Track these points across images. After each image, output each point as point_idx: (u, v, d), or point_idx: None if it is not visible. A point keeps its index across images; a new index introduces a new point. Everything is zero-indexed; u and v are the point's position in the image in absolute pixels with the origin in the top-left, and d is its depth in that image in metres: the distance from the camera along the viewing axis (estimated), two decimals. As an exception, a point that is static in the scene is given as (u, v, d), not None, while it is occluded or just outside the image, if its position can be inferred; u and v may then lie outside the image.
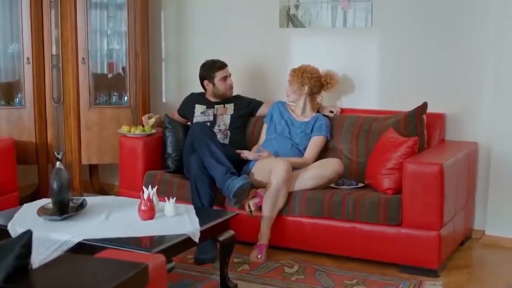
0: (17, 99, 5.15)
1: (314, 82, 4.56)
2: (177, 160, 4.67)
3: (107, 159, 5.24)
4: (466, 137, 4.51)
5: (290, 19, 4.99)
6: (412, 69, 4.67)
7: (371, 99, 4.79)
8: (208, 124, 4.70)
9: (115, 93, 5.27)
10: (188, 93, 5.01)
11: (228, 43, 5.17)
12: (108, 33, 5.39)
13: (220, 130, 4.71)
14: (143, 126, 4.79)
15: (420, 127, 4.27)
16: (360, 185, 4.29)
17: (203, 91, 4.89)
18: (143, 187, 3.60)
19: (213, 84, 4.76)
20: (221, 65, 4.77)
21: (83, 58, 5.09)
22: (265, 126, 4.73)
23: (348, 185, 4.28)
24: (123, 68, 5.35)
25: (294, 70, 4.59)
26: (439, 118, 4.46)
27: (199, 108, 4.81)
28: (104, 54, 5.39)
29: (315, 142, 4.53)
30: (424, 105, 4.30)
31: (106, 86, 5.35)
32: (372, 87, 4.81)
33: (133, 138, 4.70)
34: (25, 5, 5.01)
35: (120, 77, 5.39)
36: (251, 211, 4.17)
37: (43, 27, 5.07)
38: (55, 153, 3.45)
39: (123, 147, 4.76)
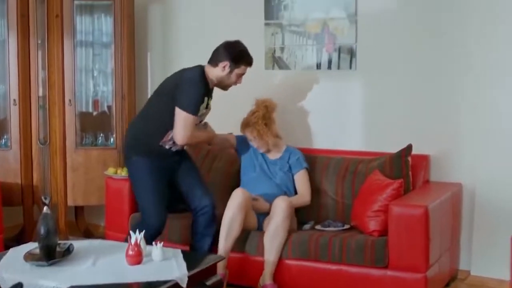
0: (3, 140, 5.15)
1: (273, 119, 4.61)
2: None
3: (93, 201, 5.23)
4: (450, 178, 4.55)
5: (276, 61, 5.05)
6: (396, 110, 4.72)
7: (356, 141, 4.83)
8: None
9: (101, 134, 5.28)
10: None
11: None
12: (95, 74, 5.42)
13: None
14: None
15: (405, 169, 4.31)
16: (346, 226, 4.31)
17: (202, 69, 4.19)
18: (130, 231, 3.59)
19: (230, 72, 4.16)
20: (251, 62, 4.26)
21: (69, 100, 5.12)
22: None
23: (334, 227, 4.30)
24: (109, 107, 5.37)
25: (256, 122, 4.48)
26: (424, 160, 4.50)
27: (204, 105, 4.15)
28: (90, 94, 5.41)
29: (304, 177, 4.53)
30: (409, 147, 4.36)
31: (92, 125, 5.35)
32: (357, 129, 4.86)
33: (120, 180, 4.70)
34: (12, 47, 5.05)
35: (106, 116, 5.40)
36: None
37: (30, 69, 5.10)
38: (42, 198, 3.45)
39: (109, 189, 4.75)
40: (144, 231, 3.54)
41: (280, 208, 4.15)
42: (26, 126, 5.11)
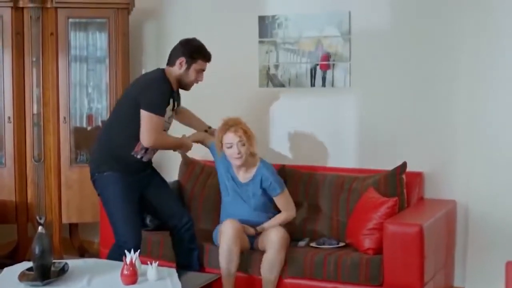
0: (-3, 158, 5.17)
1: None
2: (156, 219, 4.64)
3: (88, 218, 5.22)
4: (444, 195, 4.57)
5: (270, 79, 5.07)
6: (390, 128, 4.74)
7: (350, 158, 4.84)
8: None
9: (95, 151, 5.27)
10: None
11: (209, 103, 5.21)
12: (89, 91, 5.43)
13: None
14: None
15: (400, 187, 4.33)
16: (341, 244, 4.32)
17: (162, 70, 4.13)
18: (125, 250, 3.59)
19: (188, 68, 4.08)
20: (208, 57, 4.16)
21: (64, 117, 5.13)
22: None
23: (329, 245, 4.30)
24: (103, 122, 5.36)
25: (240, 122, 4.25)
26: (418, 177, 4.52)
27: (170, 107, 4.09)
28: (85, 110, 5.42)
29: (284, 198, 4.34)
30: (404, 165, 4.38)
31: (86, 141, 5.31)
32: (352, 146, 4.87)
33: (114, 197, 4.69)
34: (7, 65, 5.05)
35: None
36: None
37: (25, 86, 5.11)
38: (37, 217, 3.44)
39: (105, 207, 4.74)
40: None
41: (273, 242, 4.08)
42: (21, 143, 5.11)
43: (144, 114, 3.92)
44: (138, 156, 4.06)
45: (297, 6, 4.99)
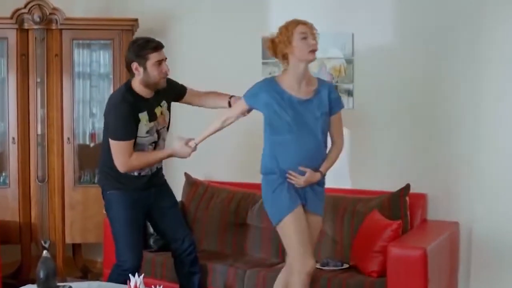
0: (1, 178, 5.19)
1: None
2: (159, 239, 4.64)
3: (91, 239, 5.24)
4: (447, 216, 4.56)
5: (274, 99, 5.08)
6: (393, 149, 4.75)
7: (354, 179, 4.86)
8: (152, 147, 4.02)
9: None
10: (173, 169, 5.03)
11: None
12: (93, 111, 5.45)
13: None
14: None
15: (404, 209, 4.33)
16: (345, 266, 4.32)
17: (129, 83, 3.96)
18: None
19: (144, 68, 3.83)
20: (157, 46, 3.86)
21: (68, 138, 5.15)
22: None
23: (333, 266, 4.31)
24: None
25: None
26: (421, 198, 4.52)
27: (143, 121, 3.89)
28: (88, 127, 5.45)
29: (339, 120, 3.82)
30: (407, 187, 4.39)
31: (90, 159, 5.33)
32: (355, 167, 4.88)
33: (118, 218, 4.70)
34: (12, 85, 5.10)
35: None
36: None
37: (29, 107, 5.14)
38: (42, 242, 3.47)
39: (108, 227, 4.73)
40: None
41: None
42: (25, 164, 5.14)
43: (110, 142, 3.90)
44: (135, 174, 4.02)
45: (301, 27, 5.01)
